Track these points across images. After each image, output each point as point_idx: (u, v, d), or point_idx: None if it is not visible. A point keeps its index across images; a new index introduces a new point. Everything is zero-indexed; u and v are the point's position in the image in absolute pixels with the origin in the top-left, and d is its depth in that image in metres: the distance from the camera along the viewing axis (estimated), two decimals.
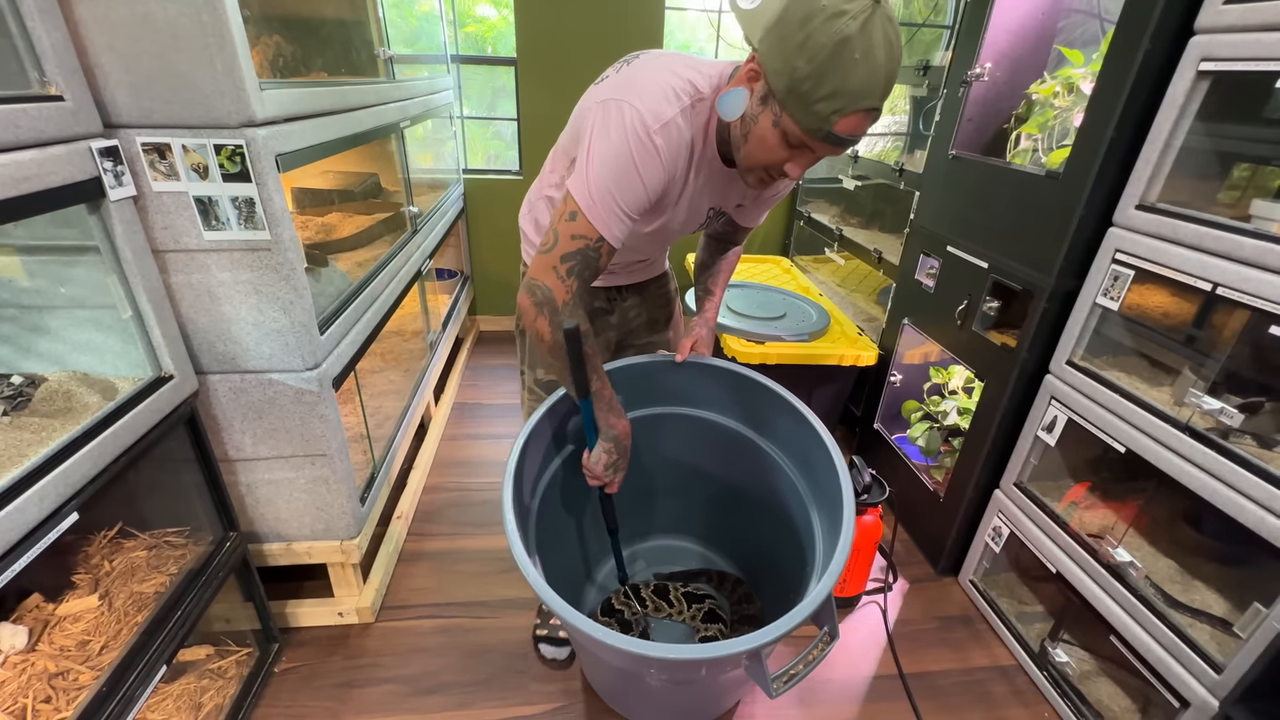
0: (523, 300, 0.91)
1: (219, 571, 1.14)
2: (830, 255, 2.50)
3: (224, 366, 1.10)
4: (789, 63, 0.72)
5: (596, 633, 0.79)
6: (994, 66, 1.51)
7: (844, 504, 0.96)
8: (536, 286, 0.88)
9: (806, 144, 0.78)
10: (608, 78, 0.93)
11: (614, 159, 0.83)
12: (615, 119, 0.83)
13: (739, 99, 0.80)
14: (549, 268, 0.87)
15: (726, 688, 1.18)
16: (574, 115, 0.99)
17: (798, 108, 0.74)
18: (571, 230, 0.86)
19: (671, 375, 1.24)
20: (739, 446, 1.29)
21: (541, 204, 1.10)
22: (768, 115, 0.78)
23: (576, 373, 0.93)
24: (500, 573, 1.58)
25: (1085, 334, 1.25)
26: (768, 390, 1.18)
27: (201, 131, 0.92)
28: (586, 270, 0.88)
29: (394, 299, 1.60)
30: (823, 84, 0.71)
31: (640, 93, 0.84)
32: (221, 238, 0.99)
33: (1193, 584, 1.16)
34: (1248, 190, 1.13)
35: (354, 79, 1.55)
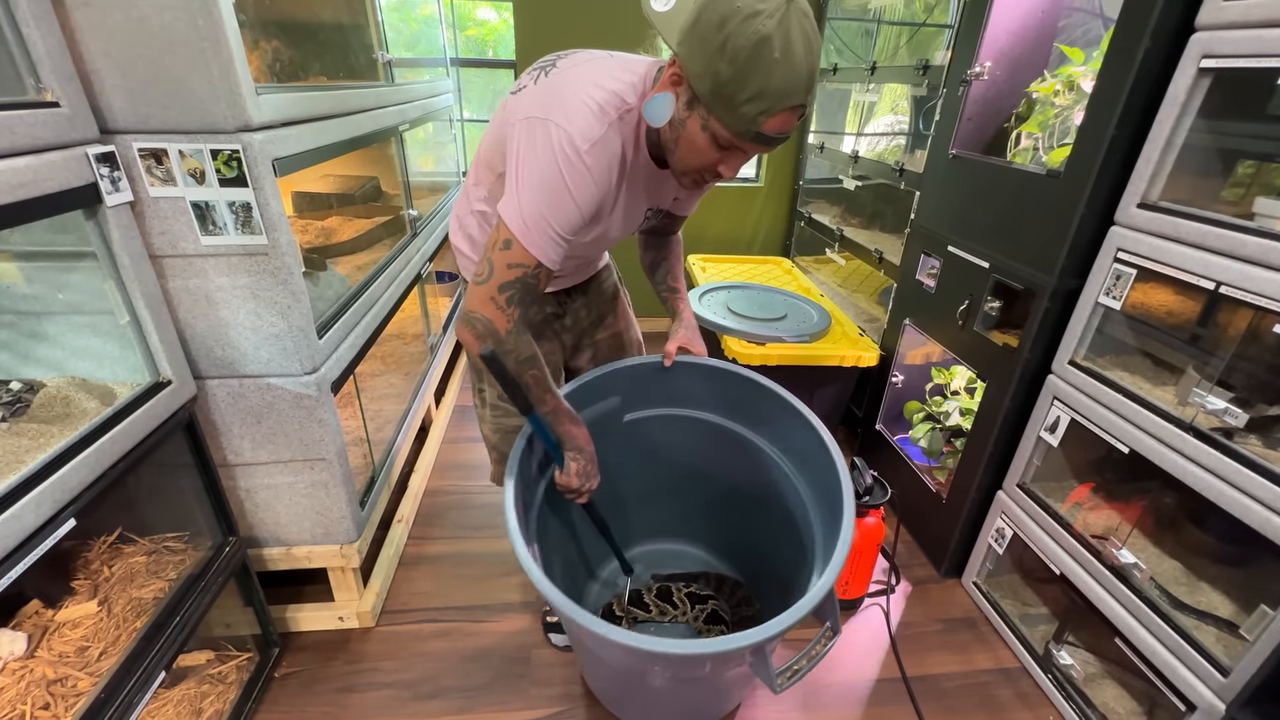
0: (463, 334, 0.88)
1: (218, 577, 1.14)
2: (831, 256, 2.49)
3: (222, 371, 1.10)
4: (710, 66, 0.72)
5: (600, 629, 0.79)
6: (994, 65, 1.50)
7: (844, 500, 0.96)
8: (476, 319, 0.86)
9: (736, 145, 0.79)
10: (525, 87, 0.89)
11: (545, 182, 0.81)
12: (542, 140, 0.81)
13: (665, 104, 0.79)
14: (487, 299, 0.84)
15: (727, 688, 1.18)
16: (494, 122, 0.96)
17: (724, 111, 0.75)
18: (507, 259, 0.83)
19: (667, 376, 1.23)
20: (737, 447, 1.28)
21: (472, 220, 1.06)
22: (695, 119, 0.78)
23: (513, 393, 0.92)
24: (501, 576, 1.57)
25: (1088, 334, 1.24)
26: (764, 388, 1.18)
27: (198, 136, 0.92)
28: (527, 296, 0.87)
29: (393, 303, 1.60)
30: (746, 85, 0.71)
31: (566, 111, 0.81)
32: (219, 243, 0.99)
33: (1198, 585, 1.15)
34: (1251, 188, 1.12)
35: (352, 83, 1.55)
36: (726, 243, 2.95)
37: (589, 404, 1.20)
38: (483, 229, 1.05)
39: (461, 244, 1.11)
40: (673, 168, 0.88)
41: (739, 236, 2.97)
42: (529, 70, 0.93)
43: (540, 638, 1.41)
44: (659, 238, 1.28)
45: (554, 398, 0.99)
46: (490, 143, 0.96)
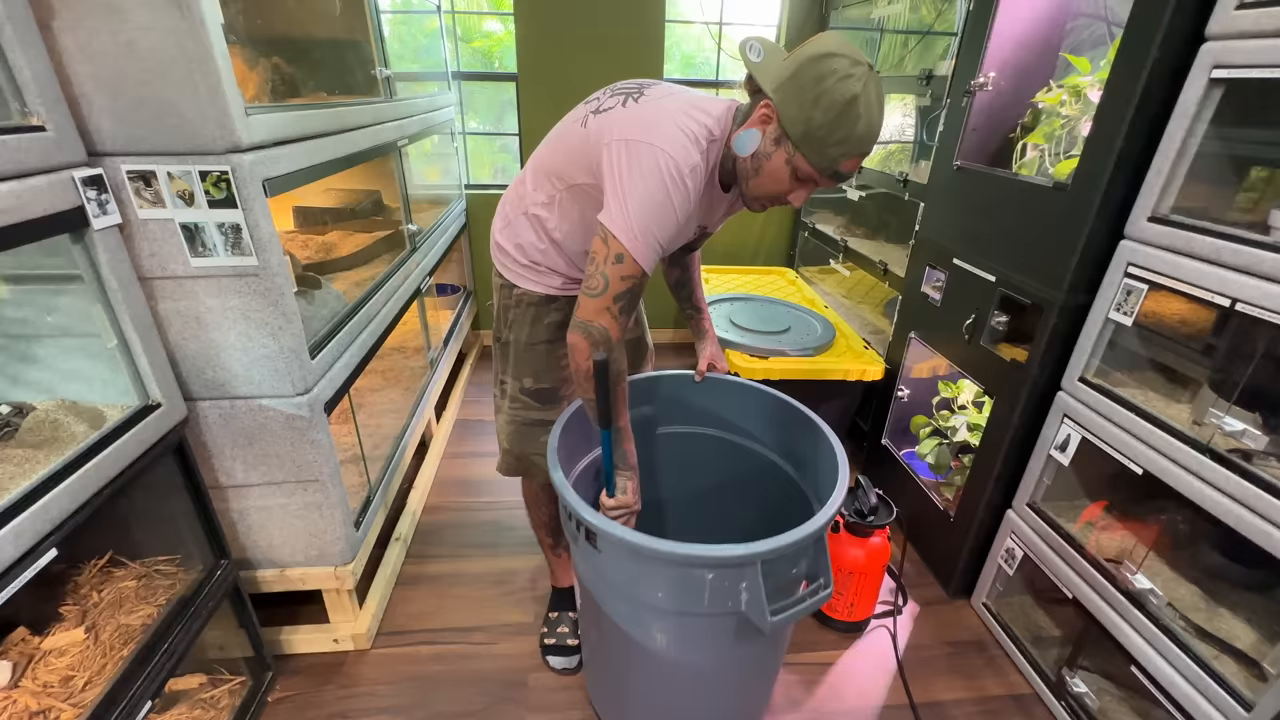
0: (578, 342, 0.94)
1: (208, 601, 1.12)
2: (835, 266, 2.46)
3: (213, 393, 1.09)
4: (805, 113, 0.85)
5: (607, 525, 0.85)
6: (998, 75, 1.47)
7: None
8: (593, 328, 0.93)
9: (813, 179, 0.91)
10: (611, 109, 0.97)
11: (652, 199, 0.89)
12: (649, 161, 0.89)
13: (753, 139, 0.91)
14: (603, 309, 0.92)
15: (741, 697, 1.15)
16: (569, 135, 1.02)
17: (812, 151, 0.87)
18: (621, 272, 0.90)
19: (700, 395, 1.28)
20: (768, 475, 1.27)
21: (524, 221, 1.09)
22: (781, 154, 0.90)
23: (604, 404, 0.98)
24: (500, 596, 1.55)
25: (1098, 350, 1.20)
26: (801, 414, 1.17)
27: (187, 158, 0.91)
28: (633, 305, 0.95)
29: (391, 319, 1.59)
30: (835, 132, 0.84)
31: (666, 137, 0.90)
32: (208, 264, 0.98)
33: (1218, 611, 1.11)
34: (1266, 193, 1.09)
35: (350, 99, 1.55)
36: (731, 253, 2.93)
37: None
38: (537, 232, 1.09)
39: (507, 243, 1.13)
40: (747, 193, 0.99)
41: (743, 247, 2.95)
42: (610, 92, 1.02)
43: (539, 661, 1.38)
44: (684, 254, 1.33)
45: (627, 413, 1.06)
46: (563, 154, 1.02)
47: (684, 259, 1.34)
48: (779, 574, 0.90)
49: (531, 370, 1.16)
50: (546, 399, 1.18)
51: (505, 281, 1.14)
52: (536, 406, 1.19)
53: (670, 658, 1.01)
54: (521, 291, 1.12)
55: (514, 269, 1.12)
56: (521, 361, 1.16)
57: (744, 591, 0.87)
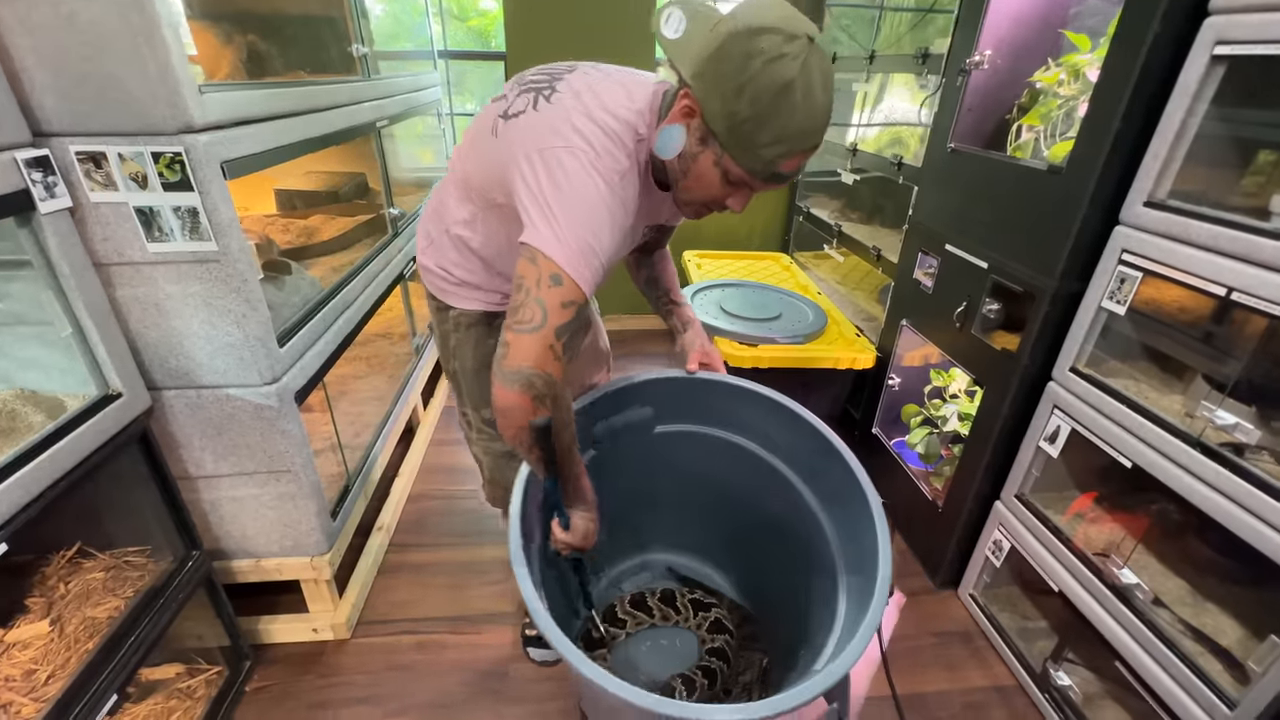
0: (514, 401, 0.73)
1: (179, 593, 1.10)
2: (829, 252, 2.42)
3: (178, 382, 1.06)
4: (728, 106, 0.70)
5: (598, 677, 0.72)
6: (995, 53, 1.42)
7: (878, 580, 0.86)
8: (535, 377, 0.72)
9: (748, 183, 0.77)
10: (523, 112, 0.81)
11: (585, 207, 0.74)
12: (574, 168, 0.74)
13: (677, 137, 0.76)
14: (544, 349, 0.72)
15: None
16: (483, 144, 0.87)
17: (740, 151, 0.73)
18: (561, 297, 0.73)
19: (699, 393, 1.17)
20: (766, 476, 1.20)
21: (446, 241, 0.97)
22: (708, 155, 0.76)
23: (549, 462, 0.83)
24: (483, 585, 1.54)
25: (1090, 339, 1.17)
26: (801, 420, 1.08)
27: (138, 139, 0.87)
28: (577, 340, 0.81)
29: (369, 305, 1.56)
30: (766, 129, 0.70)
31: (589, 140, 0.76)
32: (166, 249, 0.94)
33: (1205, 606, 1.09)
34: (1273, 176, 1.04)
35: (323, 78, 1.50)
36: (724, 238, 2.88)
37: (620, 411, 1.16)
38: (461, 252, 0.96)
39: (430, 263, 1.01)
40: (677, 198, 0.85)
41: (737, 232, 2.90)
42: (518, 88, 0.85)
43: (519, 651, 1.37)
44: (647, 254, 1.23)
45: (579, 456, 0.90)
46: (477, 166, 0.88)
47: (649, 260, 1.23)
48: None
49: (486, 399, 1.03)
50: None
51: (440, 303, 1.02)
52: (500, 437, 1.07)
53: None
54: (458, 312, 1.00)
55: (446, 288, 1.01)
56: (474, 391, 1.06)
57: None
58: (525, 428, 0.75)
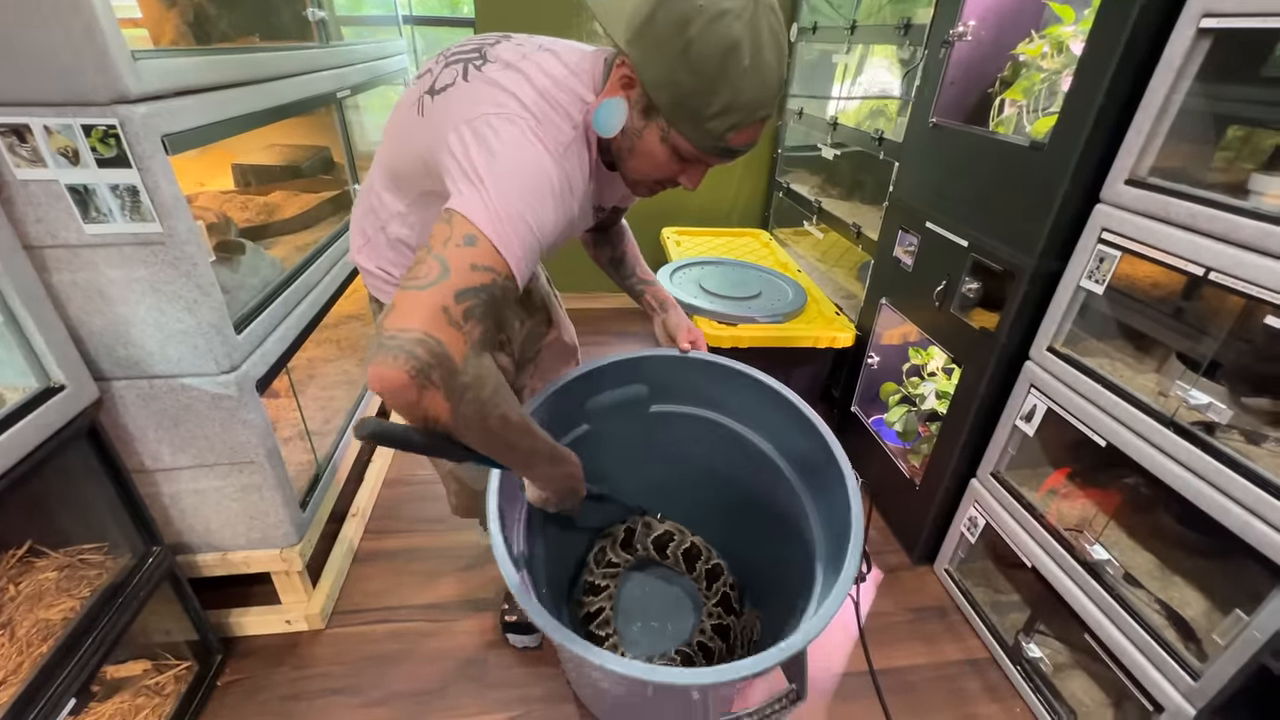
0: (389, 377, 0.56)
1: (140, 590, 1.06)
2: (809, 229, 2.39)
3: (129, 372, 1.00)
4: (671, 75, 0.63)
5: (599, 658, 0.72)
6: (978, 24, 1.38)
7: (845, 562, 0.87)
8: (419, 344, 0.57)
9: (700, 159, 0.71)
10: (450, 87, 0.73)
11: (520, 173, 0.64)
12: (510, 134, 0.65)
13: (617, 112, 0.69)
14: (436, 310, 0.58)
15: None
16: (410, 134, 0.78)
17: (688, 125, 0.66)
18: (470, 258, 0.60)
19: (691, 374, 1.17)
20: (755, 459, 1.20)
21: (382, 239, 0.89)
22: (653, 130, 0.69)
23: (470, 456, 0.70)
24: (460, 571, 1.52)
25: (1067, 319, 1.17)
26: (793, 406, 1.08)
27: (65, 110, 0.80)
28: (488, 315, 0.63)
29: (336, 287, 1.49)
30: (713, 99, 0.63)
31: (528, 107, 0.68)
32: (105, 231, 0.88)
33: (1171, 579, 1.11)
34: (1241, 152, 1.04)
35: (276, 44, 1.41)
36: (704, 215, 2.83)
37: (615, 387, 1.16)
38: (397, 250, 0.88)
39: (369, 264, 0.93)
40: (625, 176, 0.78)
41: (717, 208, 2.85)
42: (444, 61, 0.76)
43: (498, 637, 1.36)
44: (605, 233, 1.18)
45: (530, 438, 0.76)
46: (403, 152, 0.79)
47: (610, 234, 1.17)
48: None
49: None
50: None
51: (381, 305, 0.96)
52: None
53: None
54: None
55: (386, 289, 0.95)
56: None
57: (694, 691, 0.79)
58: (425, 413, 0.60)
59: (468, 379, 0.61)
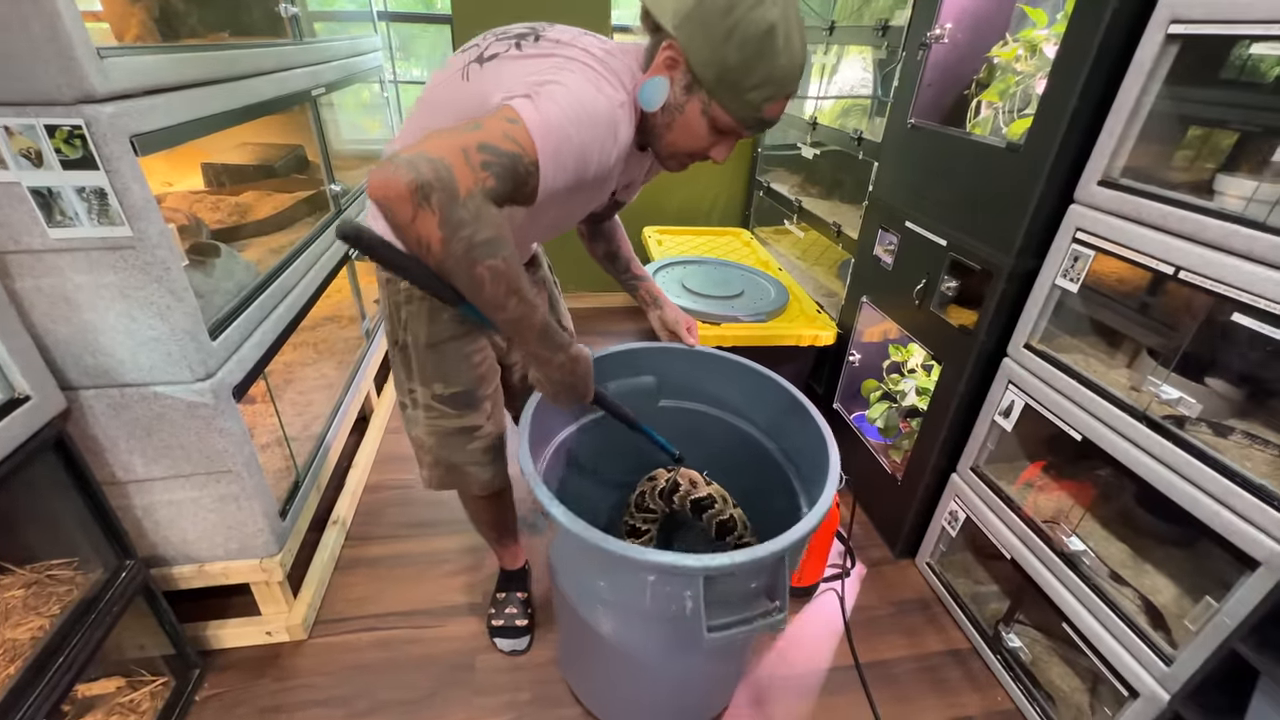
0: (390, 182, 0.60)
1: (113, 605, 1.03)
2: (789, 227, 2.41)
3: (98, 381, 0.97)
4: (717, 53, 0.72)
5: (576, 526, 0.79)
6: (955, 27, 1.41)
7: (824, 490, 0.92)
8: (428, 163, 0.60)
9: (735, 130, 0.79)
10: (501, 55, 0.77)
11: (576, 107, 0.70)
12: (573, 77, 0.72)
13: (660, 89, 0.77)
14: (455, 148, 0.63)
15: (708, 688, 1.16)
16: (453, 97, 0.80)
17: (729, 97, 0.75)
18: (504, 129, 0.65)
19: (698, 370, 1.24)
20: (764, 461, 1.23)
21: None
22: (695, 104, 0.77)
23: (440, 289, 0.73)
24: (444, 577, 1.50)
25: (1044, 316, 1.20)
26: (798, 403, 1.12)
27: (26, 110, 0.77)
28: (506, 182, 0.66)
29: (313, 289, 1.46)
30: (753, 73, 0.72)
31: (591, 60, 0.76)
32: (71, 235, 0.84)
33: (1143, 568, 1.15)
34: (1201, 151, 1.08)
35: (249, 40, 1.37)
36: (685, 213, 2.83)
37: (623, 376, 1.21)
38: None
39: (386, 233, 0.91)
40: (660, 151, 0.85)
41: (697, 207, 2.86)
42: (492, 37, 0.82)
43: (486, 642, 1.34)
44: (599, 225, 1.20)
45: (522, 306, 0.74)
46: (450, 112, 0.79)
47: (605, 228, 1.21)
48: (732, 589, 0.84)
49: (440, 374, 0.99)
50: (464, 403, 1.03)
51: (390, 275, 0.94)
52: (454, 414, 1.03)
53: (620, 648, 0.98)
54: (410, 285, 0.93)
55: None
56: (426, 365, 0.99)
57: (687, 600, 0.82)
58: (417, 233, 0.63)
59: (466, 214, 0.63)
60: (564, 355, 0.86)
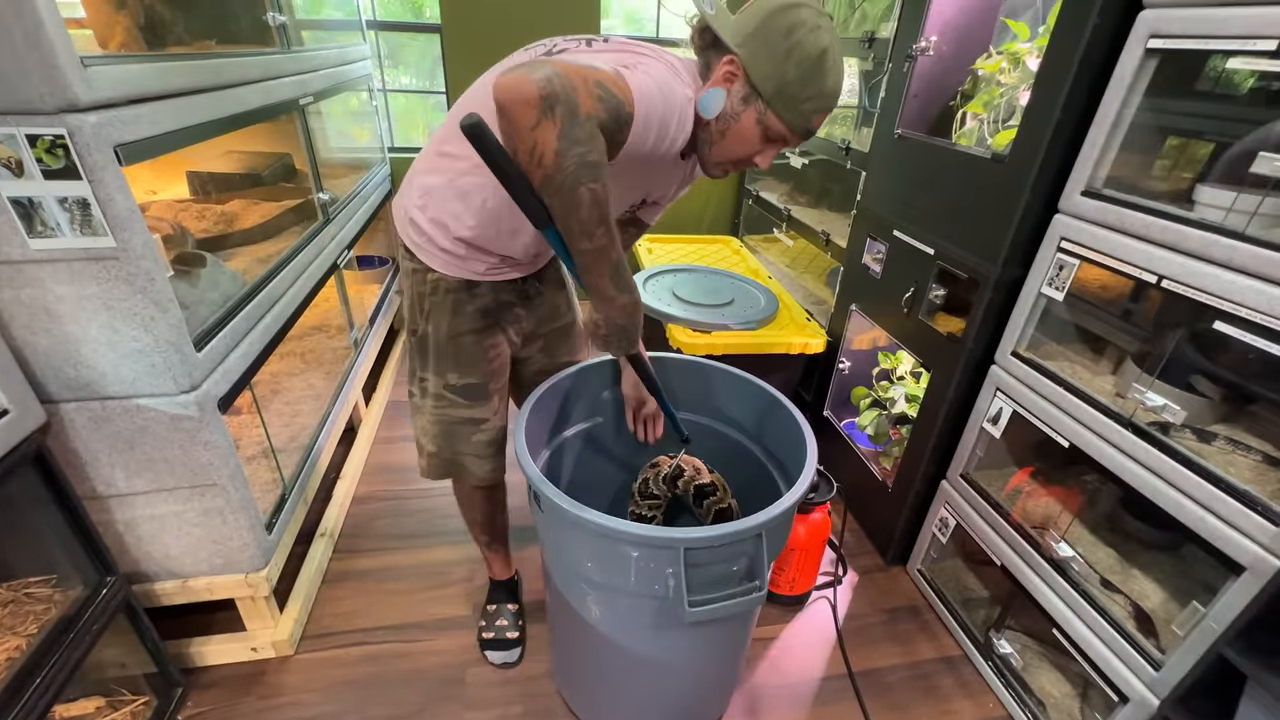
0: (522, 85, 0.63)
1: (93, 624, 1.00)
2: (779, 236, 2.43)
3: (79, 394, 0.95)
4: (778, 68, 0.80)
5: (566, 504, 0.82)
6: (940, 39, 1.43)
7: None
8: (560, 77, 0.65)
9: (785, 137, 0.86)
10: (570, 49, 0.86)
11: (665, 83, 0.78)
12: (653, 64, 0.82)
13: (719, 99, 0.84)
14: (580, 75, 0.68)
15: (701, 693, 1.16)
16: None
17: (785, 108, 0.82)
18: (615, 79, 0.72)
19: (699, 382, 1.26)
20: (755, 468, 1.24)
21: (450, 194, 0.92)
22: (751, 114, 0.84)
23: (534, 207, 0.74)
24: (434, 589, 1.48)
25: (1030, 324, 1.21)
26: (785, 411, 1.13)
27: (8, 119, 0.75)
28: (611, 121, 0.71)
29: (301, 299, 1.45)
30: (808, 87, 0.81)
31: (664, 57, 0.85)
32: (52, 246, 0.83)
33: (1131, 573, 1.16)
34: (1179, 161, 1.10)
35: (236, 49, 1.36)
36: (675, 222, 2.85)
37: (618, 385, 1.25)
38: (466, 204, 0.92)
39: (423, 219, 0.95)
40: (709, 158, 0.91)
41: (688, 215, 2.87)
42: (564, 38, 0.90)
43: (476, 655, 1.33)
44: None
45: (608, 236, 0.76)
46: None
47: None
48: (713, 567, 0.87)
49: (456, 365, 1.04)
50: (475, 395, 1.08)
51: (420, 265, 0.99)
52: (464, 404, 1.08)
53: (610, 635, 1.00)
54: (438, 276, 0.98)
55: (431, 250, 0.97)
56: (444, 355, 1.04)
57: (670, 578, 0.84)
58: (535, 140, 0.65)
59: (582, 133, 0.67)
60: (630, 296, 0.85)
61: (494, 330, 1.06)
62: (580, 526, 0.84)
